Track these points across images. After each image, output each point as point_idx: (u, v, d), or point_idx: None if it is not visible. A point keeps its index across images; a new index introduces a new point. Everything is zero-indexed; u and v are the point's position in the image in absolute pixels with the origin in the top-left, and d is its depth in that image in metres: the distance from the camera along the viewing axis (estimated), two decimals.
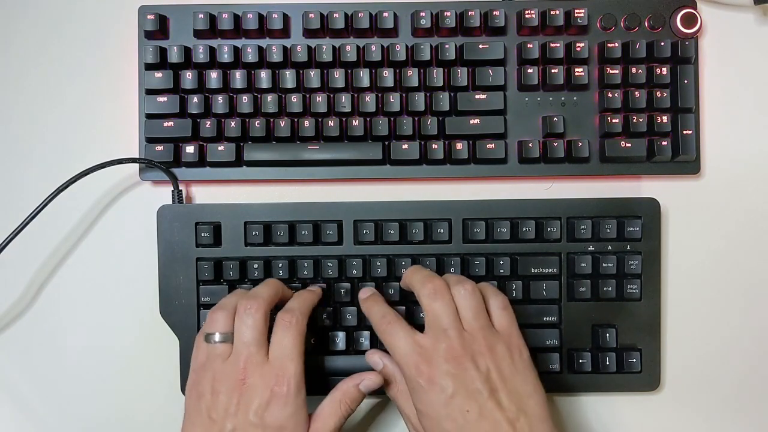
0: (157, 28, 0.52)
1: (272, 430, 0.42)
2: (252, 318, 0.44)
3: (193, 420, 0.44)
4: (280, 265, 0.51)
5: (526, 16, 0.53)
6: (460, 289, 0.45)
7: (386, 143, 0.53)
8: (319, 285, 0.52)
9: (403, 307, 0.51)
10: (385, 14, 0.53)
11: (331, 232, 0.52)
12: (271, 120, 0.53)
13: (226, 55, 0.53)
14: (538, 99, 0.54)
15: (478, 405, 0.41)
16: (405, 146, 0.53)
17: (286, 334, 0.44)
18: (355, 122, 0.53)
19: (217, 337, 0.44)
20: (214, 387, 0.43)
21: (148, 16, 0.52)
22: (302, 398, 0.44)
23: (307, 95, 0.53)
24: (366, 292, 0.50)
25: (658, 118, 0.53)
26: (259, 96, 0.53)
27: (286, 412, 0.43)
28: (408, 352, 0.44)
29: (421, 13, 0.53)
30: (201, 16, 0.52)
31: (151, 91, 0.53)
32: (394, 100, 0.53)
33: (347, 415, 0.46)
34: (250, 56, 0.53)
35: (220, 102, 0.53)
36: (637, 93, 0.53)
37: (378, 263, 0.52)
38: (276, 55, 0.53)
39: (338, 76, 0.53)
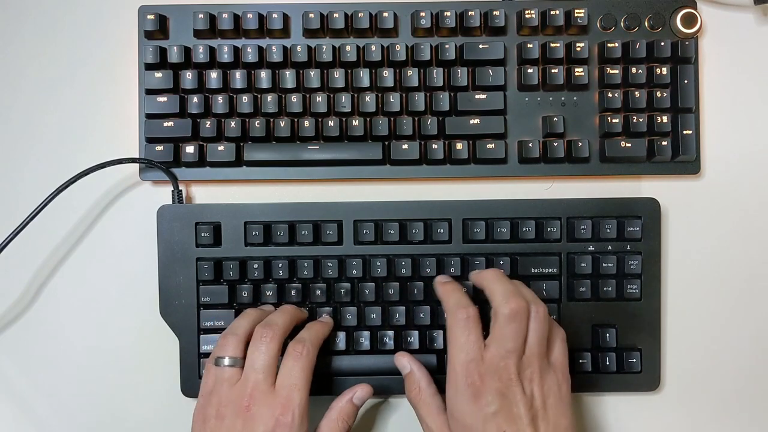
0: (157, 28, 0.52)
1: None
2: (266, 346, 0.45)
3: None
4: (280, 265, 0.52)
5: (526, 16, 0.53)
6: (534, 312, 0.45)
7: (386, 143, 0.53)
8: (328, 315, 0.52)
9: (402, 307, 0.52)
10: (385, 14, 0.53)
11: (331, 232, 0.52)
12: (271, 120, 0.53)
13: (226, 55, 0.53)
14: (538, 99, 0.54)
15: (516, 428, 0.42)
16: (405, 146, 0.53)
17: (296, 365, 0.45)
18: (355, 122, 0.53)
19: (226, 361, 0.45)
20: (219, 411, 0.44)
21: (148, 16, 0.52)
22: (305, 428, 0.44)
23: (307, 95, 0.53)
24: (445, 278, 0.50)
25: (658, 118, 0.53)
26: (259, 96, 0.53)
27: None
28: (469, 358, 0.43)
29: (421, 13, 0.53)
30: (201, 16, 0.52)
31: (151, 91, 0.53)
32: (394, 100, 0.53)
33: None
34: (250, 56, 0.53)
35: (220, 102, 0.53)
36: (637, 93, 0.53)
37: (378, 263, 0.52)
38: (276, 55, 0.53)
39: (338, 76, 0.53)
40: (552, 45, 0.53)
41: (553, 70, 0.53)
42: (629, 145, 0.53)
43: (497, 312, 0.44)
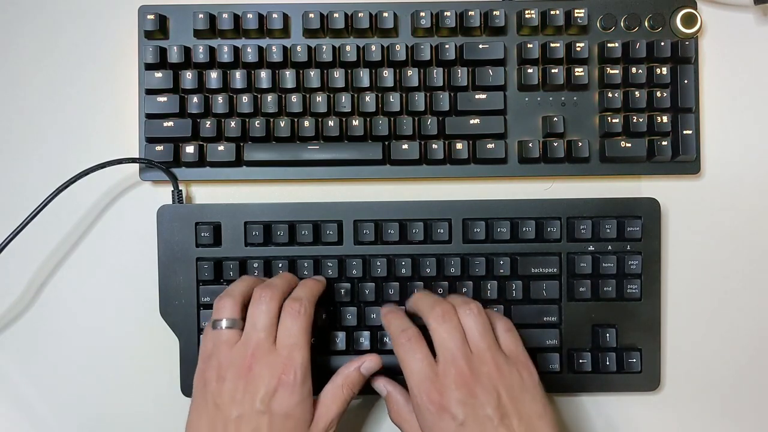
0: (157, 28, 0.52)
1: (279, 418, 0.42)
2: (267, 305, 0.44)
3: (199, 408, 0.44)
4: (280, 265, 0.51)
5: (526, 16, 0.53)
6: (466, 310, 0.45)
7: (386, 143, 0.53)
8: (321, 276, 0.52)
9: (403, 307, 0.51)
10: (385, 14, 0.53)
11: (331, 232, 0.52)
12: (271, 120, 0.53)
13: (226, 55, 0.53)
14: (538, 99, 0.54)
15: (487, 431, 0.41)
16: (405, 146, 0.53)
17: (294, 323, 0.44)
18: (355, 122, 0.53)
19: (224, 323, 0.45)
20: (220, 374, 0.43)
21: (148, 16, 0.52)
22: (308, 387, 0.44)
23: (307, 95, 0.53)
24: (387, 307, 0.50)
25: (658, 118, 0.53)
26: (259, 96, 0.53)
27: (293, 401, 0.43)
28: (422, 377, 0.43)
29: (421, 13, 0.53)
30: (201, 16, 0.52)
31: (151, 91, 0.53)
32: (394, 100, 0.53)
33: (350, 399, 0.46)
34: (250, 56, 0.53)
35: (220, 102, 0.53)
36: (637, 93, 0.53)
37: (378, 263, 0.52)
38: (276, 55, 0.53)
39: (338, 76, 0.53)
40: (552, 45, 0.53)
41: (553, 70, 0.53)
42: (629, 145, 0.53)
43: (428, 323, 0.45)
